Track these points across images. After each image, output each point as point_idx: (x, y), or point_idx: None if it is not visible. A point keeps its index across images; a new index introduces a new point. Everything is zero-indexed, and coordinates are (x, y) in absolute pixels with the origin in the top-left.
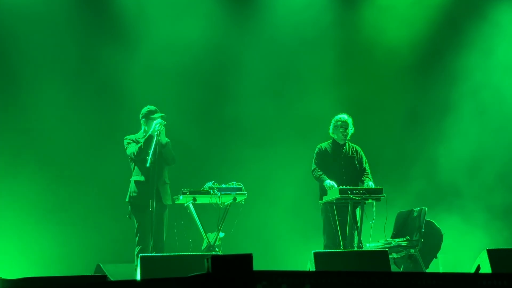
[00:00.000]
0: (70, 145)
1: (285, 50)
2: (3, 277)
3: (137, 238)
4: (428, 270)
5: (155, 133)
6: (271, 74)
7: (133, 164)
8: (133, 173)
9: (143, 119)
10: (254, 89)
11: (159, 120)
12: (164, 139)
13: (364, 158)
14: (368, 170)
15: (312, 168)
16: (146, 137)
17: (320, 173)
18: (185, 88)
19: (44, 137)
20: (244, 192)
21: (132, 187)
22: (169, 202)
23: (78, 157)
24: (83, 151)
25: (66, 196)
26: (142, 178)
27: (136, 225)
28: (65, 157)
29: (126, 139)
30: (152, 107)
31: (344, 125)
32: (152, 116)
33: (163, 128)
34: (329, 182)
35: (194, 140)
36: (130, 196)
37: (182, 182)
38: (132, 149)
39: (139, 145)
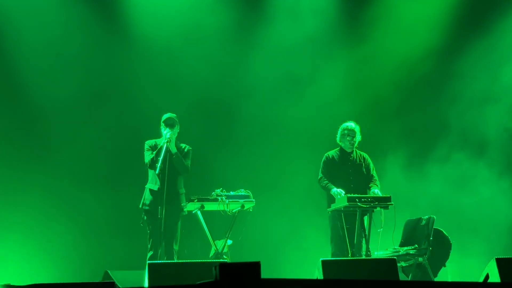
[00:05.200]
0: (81, 151)
1: (295, 56)
2: (12, 284)
3: (149, 245)
4: (436, 279)
5: (165, 141)
6: (280, 81)
7: (149, 171)
8: (148, 181)
9: (162, 125)
10: (263, 97)
11: (167, 129)
12: (174, 148)
13: (372, 165)
14: (376, 177)
15: (319, 177)
16: (159, 148)
17: (326, 182)
18: (195, 95)
19: (55, 143)
20: (252, 199)
21: (146, 194)
22: (182, 213)
23: (89, 164)
24: (94, 157)
25: (76, 203)
26: (155, 187)
27: (148, 232)
28: (76, 163)
29: (145, 144)
30: (169, 115)
31: (351, 133)
32: (164, 124)
33: (173, 137)
34: (336, 190)
35: (202, 147)
36: (143, 203)
37: (190, 189)
38: (146, 158)
39: (151, 156)
